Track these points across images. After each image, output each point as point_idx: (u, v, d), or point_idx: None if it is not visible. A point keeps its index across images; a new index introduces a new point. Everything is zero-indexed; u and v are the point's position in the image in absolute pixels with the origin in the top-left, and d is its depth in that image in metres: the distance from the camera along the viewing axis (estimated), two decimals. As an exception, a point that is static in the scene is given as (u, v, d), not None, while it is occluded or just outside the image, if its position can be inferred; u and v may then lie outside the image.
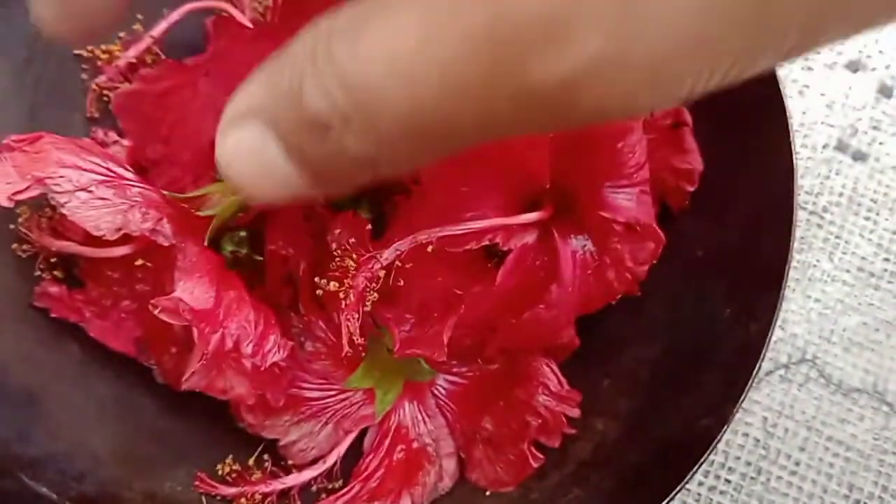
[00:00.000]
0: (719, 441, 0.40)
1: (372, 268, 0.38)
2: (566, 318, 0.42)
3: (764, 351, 0.40)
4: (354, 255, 0.38)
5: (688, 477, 0.39)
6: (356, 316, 0.38)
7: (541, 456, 0.43)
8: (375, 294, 0.38)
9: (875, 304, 0.52)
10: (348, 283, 0.38)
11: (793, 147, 0.41)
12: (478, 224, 0.40)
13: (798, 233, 0.45)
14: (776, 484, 0.50)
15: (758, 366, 0.40)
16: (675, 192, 0.44)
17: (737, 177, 0.44)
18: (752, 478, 0.50)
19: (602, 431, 0.43)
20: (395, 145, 0.20)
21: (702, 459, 0.39)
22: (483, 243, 0.40)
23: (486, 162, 0.41)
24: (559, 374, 0.43)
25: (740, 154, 0.44)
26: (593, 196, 0.41)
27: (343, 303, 0.38)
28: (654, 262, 0.43)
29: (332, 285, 0.38)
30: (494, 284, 0.40)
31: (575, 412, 0.44)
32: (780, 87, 0.42)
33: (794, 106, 0.54)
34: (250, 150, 0.22)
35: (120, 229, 0.37)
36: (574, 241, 0.42)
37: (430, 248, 0.39)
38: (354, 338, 0.38)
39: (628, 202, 0.42)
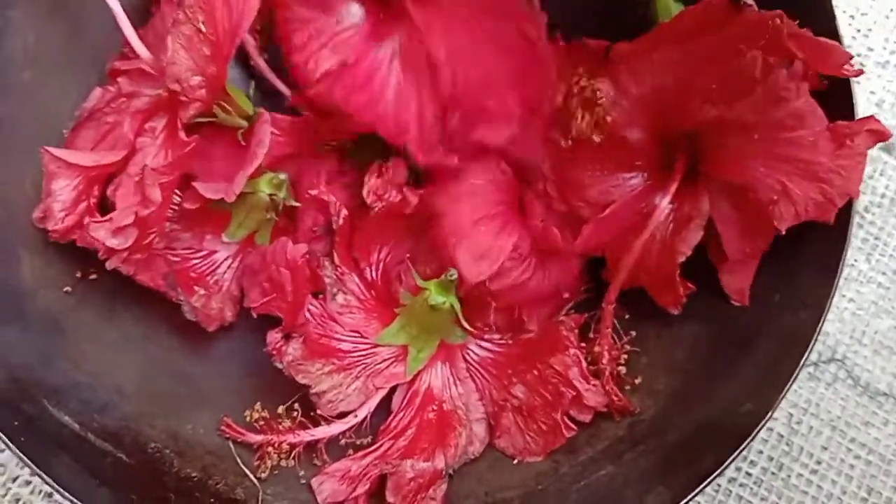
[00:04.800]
0: (762, 427, 0.39)
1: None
2: None
3: (814, 340, 0.39)
4: None
5: (727, 462, 0.38)
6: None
7: (573, 426, 0.42)
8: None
9: (909, 309, 0.52)
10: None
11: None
12: None
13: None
14: (796, 481, 0.49)
15: (806, 354, 0.39)
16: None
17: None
18: (772, 473, 0.49)
19: (638, 409, 0.43)
20: None
21: (743, 445, 0.38)
22: None
23: None
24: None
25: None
26: None
27: None
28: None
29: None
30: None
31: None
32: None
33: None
34: None
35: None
36: None
37: None
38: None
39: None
